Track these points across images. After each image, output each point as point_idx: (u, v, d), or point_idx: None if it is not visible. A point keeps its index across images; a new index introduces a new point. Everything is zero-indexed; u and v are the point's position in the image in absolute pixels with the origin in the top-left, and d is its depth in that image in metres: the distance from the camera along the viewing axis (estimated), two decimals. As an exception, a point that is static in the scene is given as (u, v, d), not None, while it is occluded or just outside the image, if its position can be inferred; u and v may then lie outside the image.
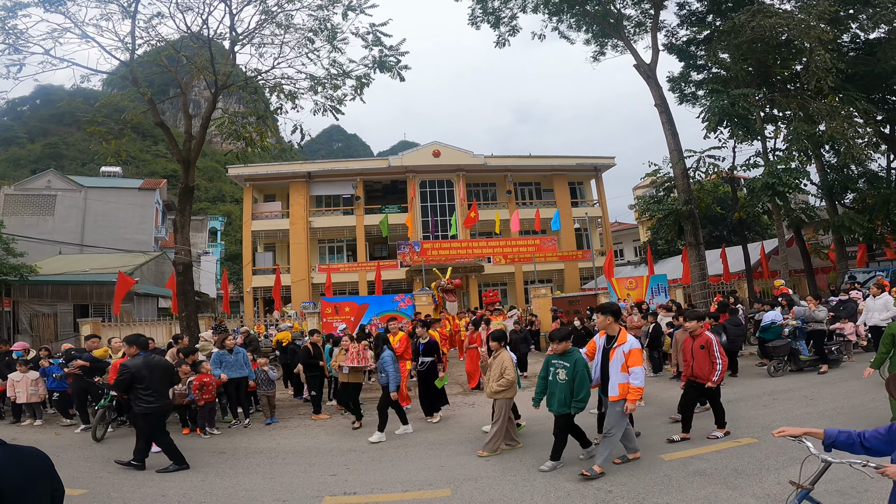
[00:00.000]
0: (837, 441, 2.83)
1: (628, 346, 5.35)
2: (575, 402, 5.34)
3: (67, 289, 21.06)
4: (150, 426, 6.31)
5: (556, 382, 5.52)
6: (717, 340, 6.19)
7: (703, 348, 6.13)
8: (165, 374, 6.63)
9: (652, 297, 17.22)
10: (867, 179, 18.29)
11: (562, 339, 5.54)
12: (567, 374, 5.39)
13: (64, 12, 10.14)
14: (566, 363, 5.46)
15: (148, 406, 6.20)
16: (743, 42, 15.66)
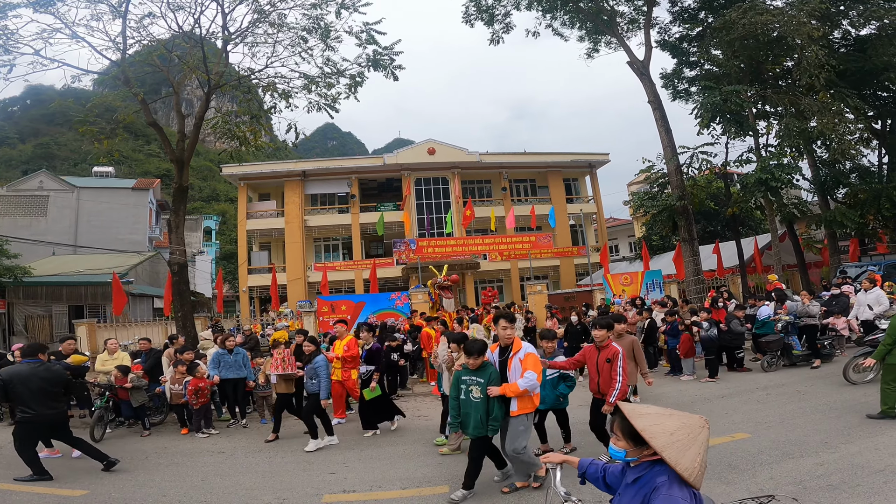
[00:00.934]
0: (588, 472, 2.60)
1: (523, 352, 4.92)
2: (492, 420, 4.82)
3: (62, 290, 20.98)
4: (20, 434, 6.00)
5: (469, 402, 4.90)
6: (623, 355, 5.36)
7: (608, 362, 5.35)
8: (46, 386, 6.02)
9: (647, 293, 17.32)
10: (859, 174, 18.46)
11: (479, 353, 4.88)
12: (481, 392, 4.81)
13: (54, 13, 10.06)
14: (480, 379, 4.85)
15: (23, 415, 5.93)
16: (735, 39, 15.75)
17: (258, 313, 28.33)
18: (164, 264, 24.34)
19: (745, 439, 5.89)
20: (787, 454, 5.25)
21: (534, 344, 11.56)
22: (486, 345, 5.08)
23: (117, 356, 9.39)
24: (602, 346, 5.52)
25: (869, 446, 5.25)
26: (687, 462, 1.85)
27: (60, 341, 9.89)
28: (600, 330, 5.59)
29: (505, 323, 5.13)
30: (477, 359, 4.89)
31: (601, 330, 5.58)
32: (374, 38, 10.78)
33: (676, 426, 1.92)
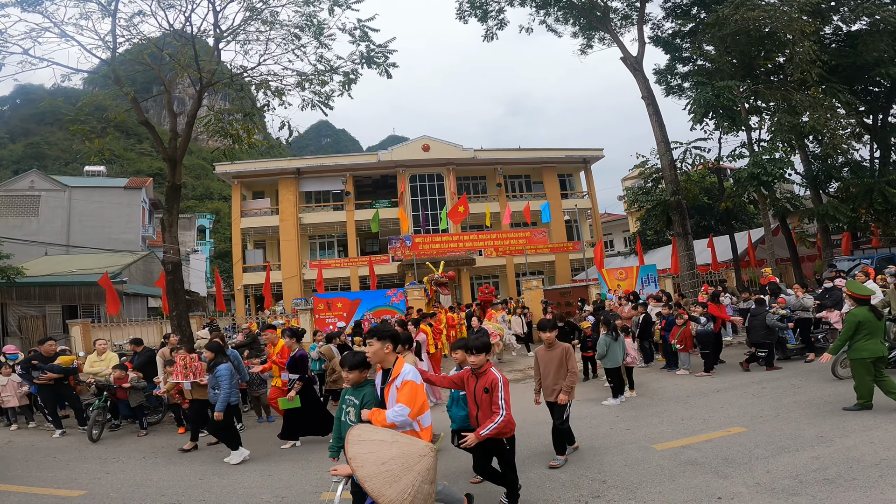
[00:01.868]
0: None
1: (400, 379, 3.93)
2: None
3: (55, 290, 20.84)
4: None
5: (346, 424, 4.08)
6: (504, 384, 4.36)
7: (486, 392, 4.34)
8: None
9: (642, 288, 17.40)
10: (851, 169, 18.58)
11: (353, 367, 4.08)
12: (356, 415, 4.01)
13: (42, 12, 9.95)
14: (356, 399, 4.09)
15: None
16: (727, 34, 15.80)
17: (254, 311, 28.23)
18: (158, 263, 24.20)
19: (741, 433, 5.93)
20: (783, 448, 5.29)
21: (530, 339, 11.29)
22: (363, 359, 4.19)
23: (106, 357, 9.36)
24: (479, 373, 4.44)
25: (864, 440, 5.30)
26: (393, 494, 1.81)
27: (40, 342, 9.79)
28: (475, 355, 4.40)
29: (372, 341, 4.06)
30: (351, 373, 4.12)
31: (476, 355, 4.40)
32: (368, 35, 10.72)
33: (392, 455, 1.90)
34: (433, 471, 1.93)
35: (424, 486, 1.90)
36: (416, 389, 3.86)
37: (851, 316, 6.45)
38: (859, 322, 6.31)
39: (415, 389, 3.85)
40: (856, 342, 6.33)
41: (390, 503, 1.82)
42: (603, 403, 8.11)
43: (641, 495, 4.52)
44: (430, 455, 1.96)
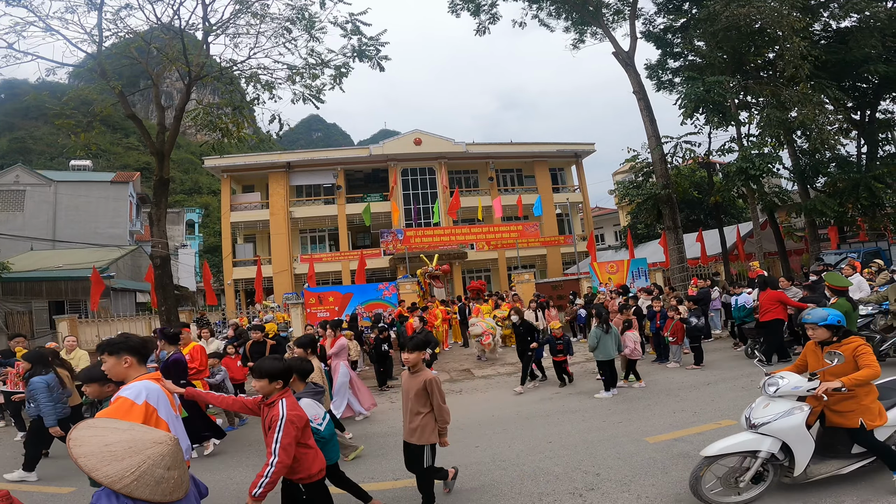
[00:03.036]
0: None
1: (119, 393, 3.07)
2: None
3: (41, 285, 20.57)
4: None
5: None
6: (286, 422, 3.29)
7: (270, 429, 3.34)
8: None
9: (633, 281, 17.52)
10: (838, 164, 18.81)
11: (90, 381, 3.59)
12: None
13: (27, 6, 9.77)
14: None
15: None
16: (718, 30, 15.88)
17: (244, 306, 28.08)
18: (146, 258, 23.96)
19: (732, 426, 5.99)
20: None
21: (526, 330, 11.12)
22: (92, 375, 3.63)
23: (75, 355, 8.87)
24: (267, 404, 3.48)
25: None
26: (111, 471, 1.82)
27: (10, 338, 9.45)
28: (259, 380, 3.46)
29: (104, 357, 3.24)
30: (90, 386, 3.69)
31: (260, 380, 3.45)
32: (360, 28, 10.65)
33: (120, 439, 1.91)
34: (172, 458, 1.95)
35: (157, 469, 1.89)
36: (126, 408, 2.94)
37: (839, 307, 6.55)
38: (845, 312, 6.43)
39: (123, 407, 2.95)
40: None
41: (107, 478, 1.81)
42: (595, 396, 8.17)
43: (635, 488, 4.57)
44: (169, 443, 1.97)
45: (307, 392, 4.40)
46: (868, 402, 4.00)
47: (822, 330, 4.19)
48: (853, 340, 4.07)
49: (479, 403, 8.59)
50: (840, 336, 4.16)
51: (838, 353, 3.98)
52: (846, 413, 4.03)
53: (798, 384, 4.04)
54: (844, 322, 4.23)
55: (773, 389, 4.12)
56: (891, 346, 7.96)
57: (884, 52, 16.34)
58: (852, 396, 3.97)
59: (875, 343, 8.04)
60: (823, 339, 4.21)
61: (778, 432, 3.95)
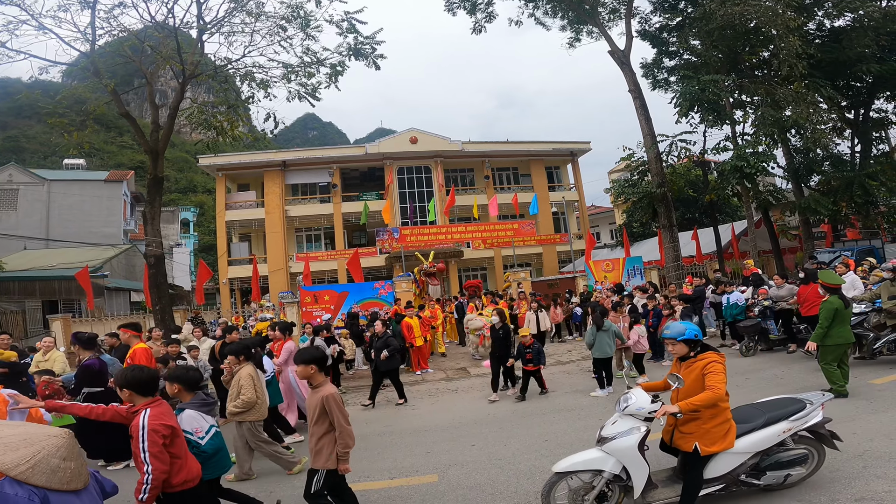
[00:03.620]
0: None
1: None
2: None
3: (35, 285, 20.46)
4: None
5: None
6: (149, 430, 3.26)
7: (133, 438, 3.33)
8: None
9: (628, 279, 17.57)
10: (832, 162, 18.91)
11: None
12: None
13: (19, 4, 9.70)
14: None
15: None
16: (713, 29, 15.92)
17: (239, 305, 27.97)
18: (141, 257, 23.85)
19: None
20: (766, 437, 5.38)
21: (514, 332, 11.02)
22: None
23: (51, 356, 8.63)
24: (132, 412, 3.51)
25: (846, 431, 5.34)
26: (6, 459, 2.02)
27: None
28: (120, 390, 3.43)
29: None
30: None
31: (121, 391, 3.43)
32: (356, 26, 10.62)
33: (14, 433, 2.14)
34: (67, 450, 2.17)
35: (53, 459, 2.10)
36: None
37: (829, 304, 6.61)
38: (836, 310, 6.49)
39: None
40: (831, 329, 6.56)
41: (3, 466, 2.01)
42: (591, 395, 8.20)
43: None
44: (64, 437, 2.19)
45: (193, 403, 4.19)
46: (710, 426, 3.72)
47: (680, 345, 3.93)
48: (706, 357, 3.81)
49: (475, 402, 8.60)
50: (698, 351, 3.91)
51: (678, 377, 3.80)
52: (686, 435, 3.80)
53: (642, 405, 3.84)
54: (701, 336, 3.97)
55: (623, 406, 3.92)
56: (884, 344, 8.00)
57: (877, 51, 16.41)
58: (696, 418, 3.72)
59: (868, 341, 8.10)
60: (682, 354, 3.95)
61: (616, 451, 3.77)
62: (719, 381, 3.61)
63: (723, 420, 3.74)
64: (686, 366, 3.90)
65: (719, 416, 3.72)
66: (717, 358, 3.78)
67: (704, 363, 3.75)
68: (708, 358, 3.78)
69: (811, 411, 4.08)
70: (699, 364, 3.77)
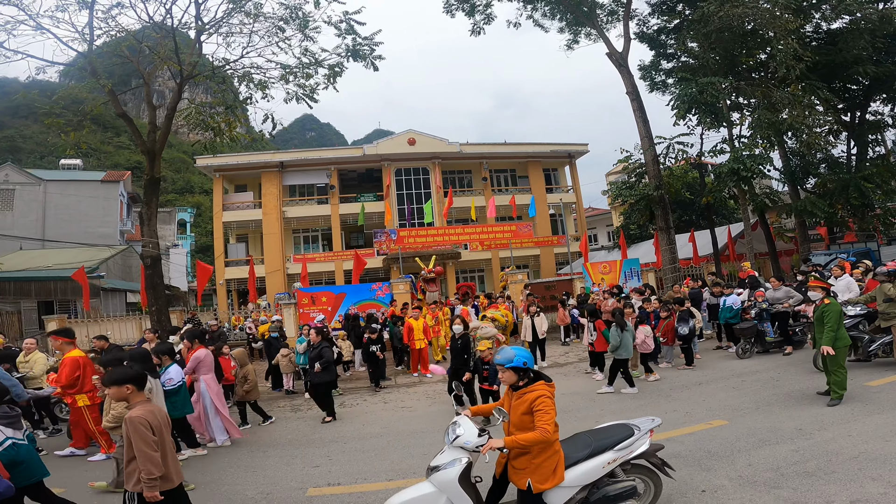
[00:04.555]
0: None
1: None
2: None
3: (31, 285, 20.37)
4: None
5: None
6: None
7: None
8: None
9: (625, 281, 17.59)
10: (828, 165, 18.96)
11: None
12: None
13: (17, 4, 9.67)
14: None
15: None
16: (711, 31, 15.96)
17: (236, 306, 27.91)
18: (137, 258, 23.76)
19: (723, 426, 6.04)
20: (764, 441, 5.40)
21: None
22: None
23: (32, 358, 8.52)
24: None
25: (842, 433, 5.42)
26: None
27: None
28: None
29: None
30: None
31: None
32: (354, 28, 10.61)
33: None
34: None
35: None
36: None
37: (834, 307, 6.58)
38: (839, 312, 6.50)
39: None
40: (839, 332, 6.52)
41: None
42: (622, 391, 8.34)
43: (627, 489, 4.58)
44: None
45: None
46: (540, 461, 3.47)
47: (509, 373, 3.62)
48: (536, 389, 3.51)
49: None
50: (530, 380, 3.61)
51: (503, 412, 3.63)
52: (518, 471, 3.55)
53: (469, 439, 3.60)
54: (532, 363, 3.65)
55: (451, 438, 3.67)
56: (879, 346, 8.04)
57: (874, 53, 16.44)
58: (526, 452, 3.49)
59: (864, 343, 8.13)
60: (511, 382, 3.65)
61: (439, 484, 3.55)
62: (548, 421, 3.36)
63: (552, 452, 3.50)
64: (517, 396, 3.62)
65: (548, 450, 3.49)
66: (546, 392, 3.50)
67: (534, 396, 3.48)
68: (537, 391, 3.50)
69: (637, 439, 3.85)
70: (529, 396, 3.50)
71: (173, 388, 6.37)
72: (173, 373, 6.49)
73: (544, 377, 3.66)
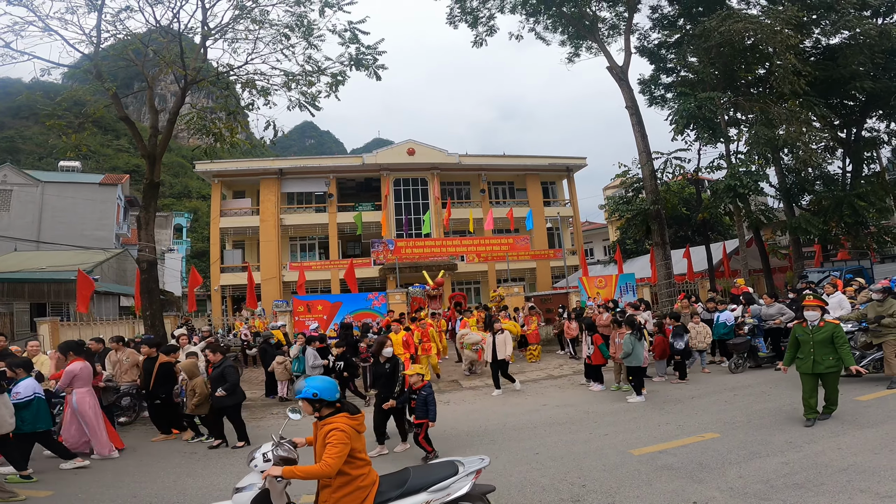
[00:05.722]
0: None
1: None
2: None
3: (24, 287, 20.26)
4: None
5: None
6: None
7: None
8: None
9: (621, 296, 17.65)
10: (823, 182, 19.13)
11: None
12: None
13: (27, 5, 9.77)
14: None
15: None
16: (711, 46, 16.17)
17: (230, 312, 27.78)
18: (132, 261, 23.71)
19: (715, 439, 6.07)
20: (755, 453, 5.43)
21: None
22: None
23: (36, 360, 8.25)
24: None
25: (832, 446, 5.47)
26: None
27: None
28: None
29: None
30: None
31: None
32: (358, 37, 10.74)
33: None
34: None
35: None
36: None
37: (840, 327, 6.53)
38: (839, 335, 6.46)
39: None
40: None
41: None
42: (628, 400, 8.45)
43: (620, 499, 4.60)
44: None
45: None
46: (340, 496, 3.32)
47: (303, 403, 3.52)
48: (333, 422, 3.37)
49: (467, 414, 8.57)
50: (333, 412, 3.48)
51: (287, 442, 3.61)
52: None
53: (257, 463, 3.61)
54: (326, 396, 3.48)
55: (250, 460, 3.67)
56: (869, 362, 8.13)
57: (872, 69, 16.56)
58: (328, 485, 3.37)
59: (855, 359, 8.19)
60: (308, 412, 3.54)
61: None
62: (334, 455, 3.23)
63: (354, 489, 3.34)
64: (319, 427, 3.49)
65: (349, 486, 3.34)
66: (340, 425, 3.34)
67: (328, 429, 3.34)
68: (333, 424, 3.36)
69: (458, 480, 3.61)
70: (325, 429, 3.37)
71: (21, 403, 6.11)
72: (21, 387, 6.23)
73: (349, 409, 3.53)
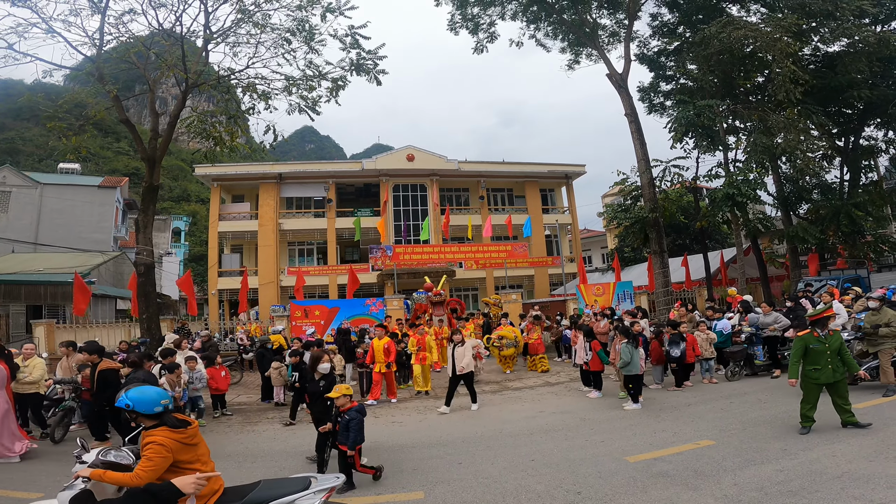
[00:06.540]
0: None
1: None
2: None
3: (20, 289, 20.18)
4: None
5: None
6: None
7: None
8: None
9: (618, 303, 17.69)
10: (821, 190, 19.21)
11: None
12: None
13: (31, 7, 9.82)
14: None
15: None
16: (711, 53, 16.27)
17: (227, 317, 27.71)
18: (129, 264, 23.66)
19: (710, 446, 6.08)
20: (750, 461, 5.43)
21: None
22: None
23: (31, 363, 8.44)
24: None
25: (826, 453, 5.48)
26: None
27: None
28: None
29: None
30: None
31: None
32: (359, 42, 10.82)
33: None
34: None
35: None
36: None
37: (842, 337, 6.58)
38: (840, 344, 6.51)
39: None
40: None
41: None
42: (624, 408, 8.46)
43: (614, 506, 4.60)
44: None
45: None
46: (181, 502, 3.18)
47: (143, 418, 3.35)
48: (153, 434, 3.20)
49: (463, 421, 8.56)
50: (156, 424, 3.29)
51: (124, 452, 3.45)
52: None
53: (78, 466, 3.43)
54: (140, 408, 3.30)
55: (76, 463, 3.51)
56: (866, 370, 8.12)
57: (870, 76, 16.63)
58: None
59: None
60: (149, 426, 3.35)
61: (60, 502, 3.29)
62: (147, 468, 3.10)
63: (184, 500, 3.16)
64: (143, 437, 3.31)
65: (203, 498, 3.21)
66: (158, 438, 3.18)
67: (146, 441, 3.20)
68: (152, 436, 3.20)
69: (304, 496, 3.37)
70: (146, 441, 3.22)
71: None
72: None
73: (170, 423, 3.32)
